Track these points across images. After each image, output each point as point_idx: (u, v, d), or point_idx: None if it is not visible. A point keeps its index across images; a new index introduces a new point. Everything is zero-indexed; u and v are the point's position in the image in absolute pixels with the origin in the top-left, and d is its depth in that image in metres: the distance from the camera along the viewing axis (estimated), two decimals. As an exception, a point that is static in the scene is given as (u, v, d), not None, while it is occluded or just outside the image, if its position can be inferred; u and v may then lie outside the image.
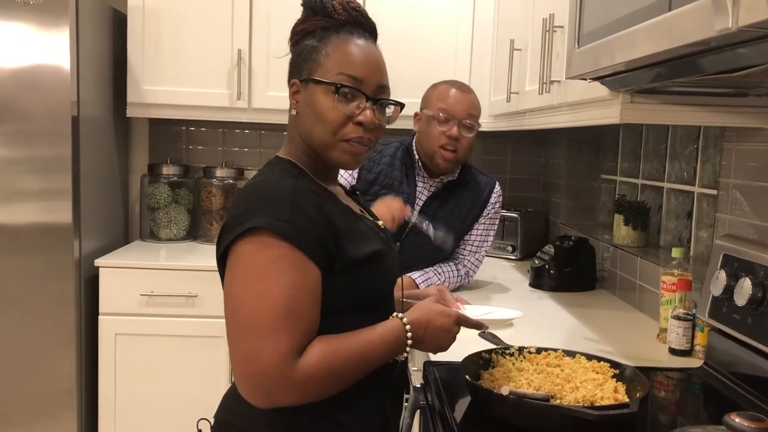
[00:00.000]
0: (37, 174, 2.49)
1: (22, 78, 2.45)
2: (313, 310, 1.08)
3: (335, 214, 1.14)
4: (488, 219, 2.35)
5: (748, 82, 1.23)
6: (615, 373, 1.35)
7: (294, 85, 1.20)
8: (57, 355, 2.54)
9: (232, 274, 1.08)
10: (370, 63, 1.19)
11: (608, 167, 2.72)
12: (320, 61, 1.17)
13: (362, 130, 1.17)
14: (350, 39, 1.18)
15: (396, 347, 1.16)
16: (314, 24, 1.20)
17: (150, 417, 2.66)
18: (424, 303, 1.24)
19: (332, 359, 1.07)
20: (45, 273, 2.51)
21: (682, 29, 0.95)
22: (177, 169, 3.10)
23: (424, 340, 1.19)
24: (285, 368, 1.03)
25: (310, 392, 1.06)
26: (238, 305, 1.06)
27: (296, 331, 1.05)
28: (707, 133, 1.94)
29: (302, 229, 1.07)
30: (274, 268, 1.05)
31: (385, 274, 1.23)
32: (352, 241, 1.14)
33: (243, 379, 1.05)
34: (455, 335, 1.24)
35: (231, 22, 2.83)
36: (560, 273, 2.42)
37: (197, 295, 2.62)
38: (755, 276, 1.42)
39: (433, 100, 2.20)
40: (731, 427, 0.97)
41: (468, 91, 2.21)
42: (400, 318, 1.17)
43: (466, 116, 2.16)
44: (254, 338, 1.03)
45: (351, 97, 1.16)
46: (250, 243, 1.07)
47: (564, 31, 1.77)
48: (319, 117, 1.16)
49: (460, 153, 2.18)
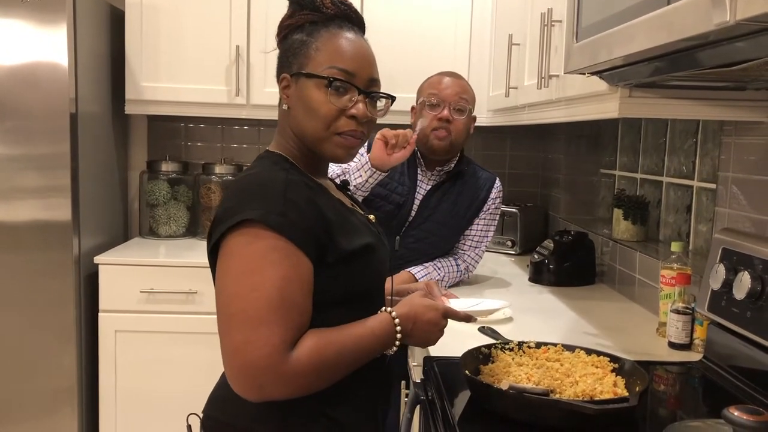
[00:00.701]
0: (36, 171, 2.49)
1: (20, 75, 2.45)
2: (305, 302, 1.09)
3: (327, 207, 1.14)
4: (488, 214, 2.35)
5: (746, 75, 1.23)
6: (614, 368, 1.35)
7: (284, 79, 1.20)
8: (57, 352, 2.54)
9: (224, 266, 1.08)
10: (361, 56, 1.19)
11: (607, 162, 2.72)
12: (311, 56, 1.17)
13: (355, 123, 1.17)
14: (340, 33, 1.18)
15: (386, 341, 1.17)
16: (302, 18, 1.20)
17: (150, 413, 2.67)
18: (412, 297, 1.25)
19: (324, 352, 1.07)
20: (44, 270, 2.51)
21: (680, 23, 0.95)
22: (176, 166, 3.10)
23: (412, 334, 1.20)
24: (277, 360, 1.03)
25: (301, 385, 1.06)
26: (230, 297, 1.06)
27: (288, 324, 1.05)
28: (706, 128, 1.93)
29: (294, 221, 1.07)
30: (266, 260, 1.05)
31: (376, 268, 1.24)
32: (343, 233, 1.15)
33: (234, 371, 1.05)
34: (443, 329, 1.26)
35: (229, 19, 2.83)
36: (560, 268, 2.43)
37: (197, 291, 2.62)
38: (754, 270, 1.42)
39: (424, 88, 2.25)
40: (730, 421, 0.97)
41: (458, 77, 2.25)
42: (389, 312, 1.18)
43: (457, 99, 2.18)
44: (246, 330, 1.03)
45: (343, 90, 1.17)
46: (242, 235, 1.07)
47: (562, 25, 1.77)
48: (312, 111, 1.16)
49: (454, 134, 2.19)
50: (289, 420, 1.15)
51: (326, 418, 1.17)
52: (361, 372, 1.16)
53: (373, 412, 1.26)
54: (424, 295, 1.27)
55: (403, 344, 1.21)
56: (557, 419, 1.17)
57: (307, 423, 1.16)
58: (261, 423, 1.15)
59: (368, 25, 1.26)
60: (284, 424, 1.15)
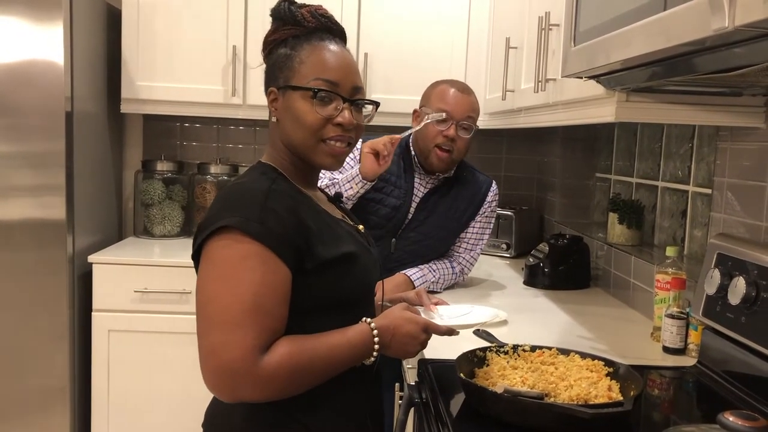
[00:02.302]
0: (30, 169, 2.48)
1: (15, 73, 2.44)
2: (280, 308, 1.11)
3: (308, 217, 1.17)
4: (484, 217, 2.35)
5: (743, 81, 1.24)
6: (609, 372, 1.35)
7: (272, 93, 1.25)
8: (50, 352, 2.53)
9: (204, 271, 1.12)
10: (344, 67, 1.23)
11: (603, 166, 2.72)
12: (295, 68, 1.21)
13: (341, 129, 1.21)
14: (322, 45, 1.23)
15: (363, 351, 1.19)
16: (285, 33, 1.24)
17: (143, 413, 2.66)
18: (393, 310, 1.27)
19: (297, 358, 1.10)
20: (38, 269, 2.50)
21: (678, 28, 0.95)
22: (171, 166, 3.09)
23: (390, 346, 1.22)
24: (250, 362, 1.06)
25: (273, 389, 1.09)
26: (207, 300, 1.10)
27: (262, 328, 1.08)
28: (702, 133, 1.94)
29: (272, 229, 1.10)
30: (243, 265, 1.09)
31: (358, 277, 1.25)
32: (322, 242, 1.17)
33: (208, 371, 1.08)
34: (423, 342, 1.27)
35: (226, 18, 2.82)
36: (554, 271, 2.43)
37: (191, 291, 2.62)
38: (749, 275, 1.43)
39: (432, 99, 2.20)
40: (726, 426, 0.97)
41: (468, 93, 2.21)
42: (368, 323, 1.20)
43: (465, 117, 2.16)
44: (221, 332, 1.07)
45: (328, 100, 1.21)
46: (221, 240, 1.11)
47: (560, 29, 1.77)
48: (299, 121, 1.20)
49: (455, 154, 2.18)
50: (273, 431, 1.17)
51: (312, 429, 1.18)
52: (345, 381, 1.18)
53: (362, 420, 1.27)
54: (406, 308, 1.29)
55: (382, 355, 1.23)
56: (552, 423, 1.17)
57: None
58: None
59: (366, 29, 1.28)
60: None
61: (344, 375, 1.18)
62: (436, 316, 1.68)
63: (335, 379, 1.16)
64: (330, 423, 1.21)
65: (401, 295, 1.48)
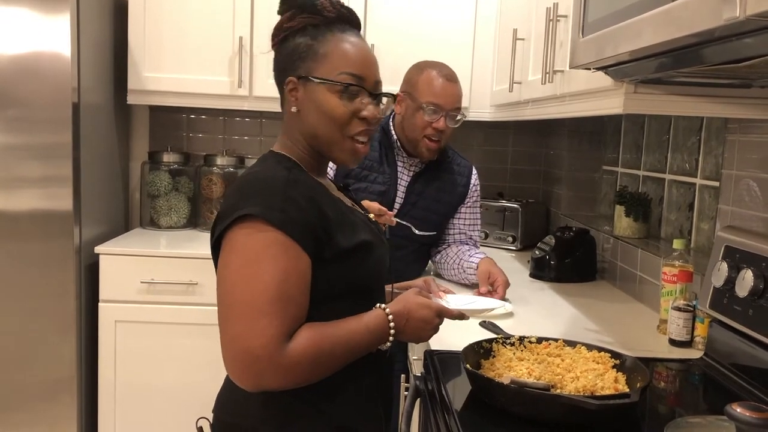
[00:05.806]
0: (37, 161, 2.48)
1: (22, 64, 2.44)
2: (303, 296, 1.12)
3: (326, 205, 1.17)
4: (473, 201, 2.40)
5: (752, 73, 1.23)
6: (615, 364, 1.35)
7: (291, 82, 1.23)
8: (57, 342, 2.54)
9: (226, 259, 1.12)
10: (368, 61, 1.23)
11: (610, 158, 2.71)
12: (319, 60, 1.20)
13: (366, 123, 1.22)
14: (345, 37, 1.22)
15: (379, 336, 1.20)
16: (303, 21, 1.22)
17: (149, 404, 2.67)
18: (406, 295, 1.28)
19: (320, 345, 1.11)
20: (45, 260, 2.51)
21: (688, 18, 0.94)
22: (177, 157, 3.09)
23: (405, 330, 1.23)
24: (274, 350, 1.06)
25: (297, 376, 1.10)
26: (230, 288, 1.10)
27: (286, 316, 1.08)
28: (710, 125, 1.93)
29: (293, 217, 1.11)
30: (266, 253, 1.09)
31: (373, 265, 1.26)
32: (341, 230, 1.18)
33: (232, 360, 1.09)
34: (436, 326, 1.29)
35: (233, 10, 2.82)
36: (561, 264, 2.42)
37: (197, 282, 2.62)
38: (757, 268, 1.42)
39: (420, 87, 2.17)
40: (733, 418, 0.97)
41: (455, 81, 2.20)
42: (383, 309, 1.21)
43: (453, 108, 2.17)
44: (245, 320, 1.07)
45: (355, 94, 1.21)
46: (243, 229, 1.11)
47: (568, 20, 1.76)
48: (326, 115, 1.20)
49: (443, 142, 2.22)
50: (291, 419, 1.18)
51: (328, 416, 1.19)
52: (360, 367, 1.19)
53: (374, 407, 1.28)
54: (418, 293, 1.30)
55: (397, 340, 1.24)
56: (558, 414, 1.17)
57: (309, 421, 1.19)
58: (265, 423, 1.18)
59: (373, 19, 1.28)
60: (287, 423, 1.18)
61: (359, 361, 1.18)
62: (444, 303, 1.68)
63: (351, 365, 1.17)
64: (345, 408, 1.21)
65: (409, 283, 1.49)
